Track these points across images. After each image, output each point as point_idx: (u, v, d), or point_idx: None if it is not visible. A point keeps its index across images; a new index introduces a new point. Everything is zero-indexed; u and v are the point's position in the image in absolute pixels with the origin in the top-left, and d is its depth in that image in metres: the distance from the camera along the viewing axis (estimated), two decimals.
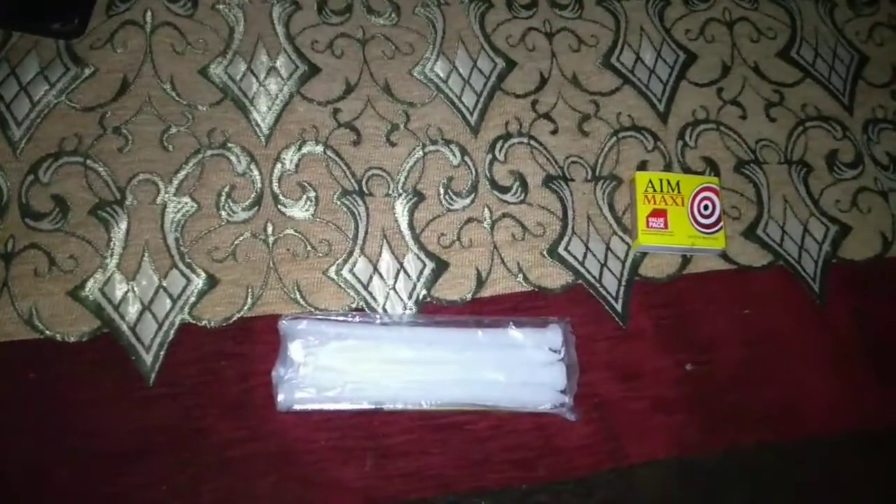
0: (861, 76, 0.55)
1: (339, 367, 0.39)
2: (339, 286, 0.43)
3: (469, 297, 0.44)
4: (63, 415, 0.39)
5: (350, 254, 0.44)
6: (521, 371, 0.41)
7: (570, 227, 0.46)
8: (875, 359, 0.47)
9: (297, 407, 0.39)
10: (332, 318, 0.41)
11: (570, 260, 0.46)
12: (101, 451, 0.38)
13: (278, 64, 0.48)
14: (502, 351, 0.41)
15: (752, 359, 0.46)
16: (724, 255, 0.47)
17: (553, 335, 0.42)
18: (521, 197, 0.47)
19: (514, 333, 0.42)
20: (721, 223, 0.47)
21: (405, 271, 0.44)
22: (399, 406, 0.39)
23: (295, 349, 0.39)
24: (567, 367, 0.41)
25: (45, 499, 0.38)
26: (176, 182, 0.44)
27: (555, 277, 0.45)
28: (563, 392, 0.41)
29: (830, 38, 0.56)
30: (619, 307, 0.45)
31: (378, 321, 0.41)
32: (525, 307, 0.44)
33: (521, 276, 0.45)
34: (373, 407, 0.39)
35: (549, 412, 0.41)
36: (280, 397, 0.39)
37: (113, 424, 0.39)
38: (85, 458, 0.38)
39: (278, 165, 0.45)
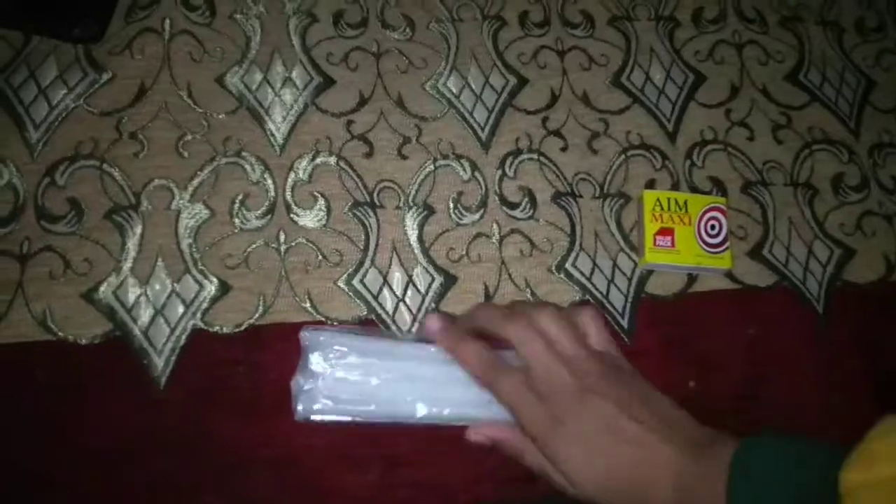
0: (868, 101, 0.56)
1: (358, 381, 0.39)
2: (350, 296, 0.43)
3: None
4: (72, 416, 0.39)
5: (361, 264, 0.44)
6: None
7: (577, 243, 0.47)
8: (876, 381, 0.47)
9: (315, 417, 0.39)
10: (354, 331, 0.41)
11: (578, 276, 0.46)
12: (108, 452, 0.39)
13: (294, 75, 0.48)
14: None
15: (755, 378, 0.46)
16: (729, 275, 0.48)
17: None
18: (530, 213, 0.47)
19: None
20: (728, 243, 0.47)
21: (414, 284, 0.44)
22: (414, 422, 0.39)
23: (315, 360, 0.39)
24: None
25: (51, 498, 0.38)
26: (191, 188, 0.44)
27: (562, 293, 0.46)
28: None
29: (838, 62, 0.57)
30: (625, 323, 0.46)
31: (397, 336, 0.42)
32: None
33: (528, 291, 0.45)
34: (390, 421, 0.39)
35: None
36: (299, 407, 0.39)
37: (122, 427, 0.39)
38: (92, 458, 0.38)
39: (292, 175, 0.46)
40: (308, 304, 0.43)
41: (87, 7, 0.47)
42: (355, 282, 0.44)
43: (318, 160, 0.46)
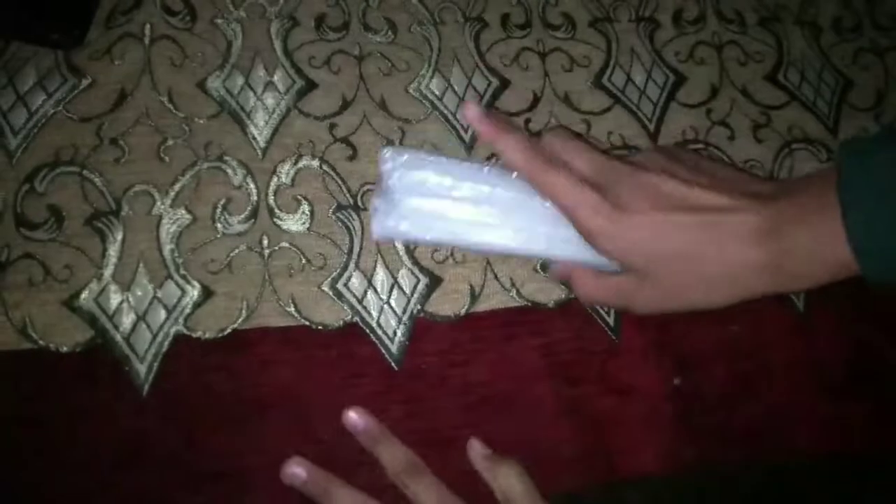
0: (846, 100, 0.56)
1: (438, 202, 0.39)
2: (334, 300, 0.43)
3: (463, 311, 0.44)
4: (54, 424, 0.39)
5: (345, 268, 0.44)
6: None
7: None
8: (854, 374, 0.48)
9: (391, 235, 0.40)
10: (437, 153, 0.41)
11: None
12: (92, 460, 0.38)
13: (276, 79, 0.48)
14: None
15: (740, 375, 0.46)
16: None
17: None
18: None
19: None
20: None
21: (399, 286, 0.44)
22: (488, 249, 0.40)
23: (395, 178, 0.39)
24: None
25: None
26: (172, 194, 0.44)
27: (548, 292, 0.46)
28: None
29: (816, 62, 0.57)
30: (611, 321, 0.46)
31: (475, 164, 0.41)
32: (519, 322, 0.44)
33: (514, 291, 0.45)
34: (467, 245, 0.40)
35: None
36: (376, 226, 0.39)
37: (105, 434, 0.39)
38: (75, 467, 0.38)
39: (274, 179, 0.45)
40: (292, 309, 0.43)
41: (66, 12, 0.47)
42: (339, 285, 0.44)
43: (301, 164, 0.46)
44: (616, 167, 0.36)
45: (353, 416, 0.40)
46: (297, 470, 0.39)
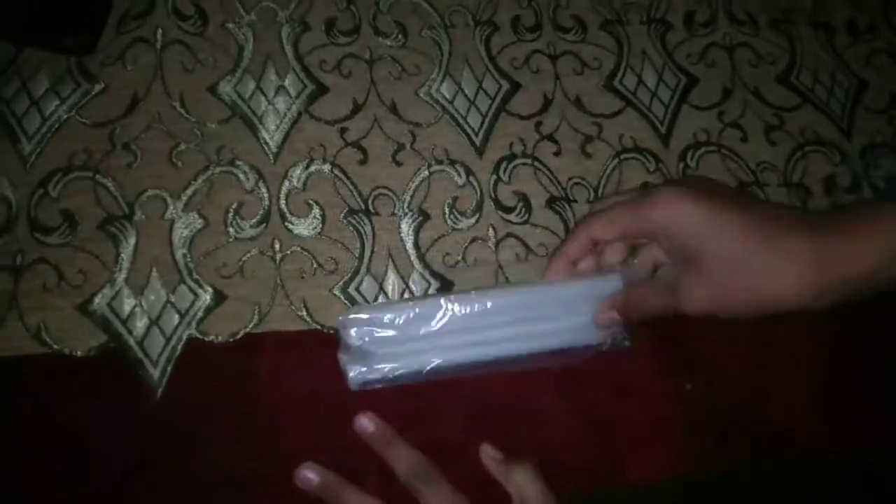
0: (860, 102, 0.56)
1: (402, 346, 0.41)
2: (346, 304, 0.43)
3: None
4: (69, 428, 0.39)
5: (356, 272, 0.44)
6: (579, 316, 0.42)
7: None
8: (869, 379, 0.47)
9: (370, 380, 0.40)
10: (391, 304, 0.43)
11: None
12: (105, 464, 0.39)
13: (287, 83, 0.48)
14: (562, 302, 0.42)
15: (752, 378, 0.46)
16: None
17: (612, 283, 0.42)
18: (525, 217, 0.47)
19: (574, 285, 0.42)
20: None
21: (410, 291, 0.44)
22: (468, 360, 0.41)
23: (357, 334, 0.40)
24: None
25: None
26: (184, 198, 0.44)
27: None
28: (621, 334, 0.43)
29: (829, 63, 0.57)
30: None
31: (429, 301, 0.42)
32: None
33: None
34: (441, 365, 0.40)
35: (609, 347, 0.43)
36: (351, 378, 0.40)
37: (118, 439, 0.39)
38: (89, 471, 0.38)
39: (286, 183, 0.46)
40: (304, 313, 0.43)
41: (79, 18, 0.47)
42: (351, 289, 0.44)
43: (313, 168, 0.46)
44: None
45: (365, 421, 0.41)
46: (309, 474, 0.39)
